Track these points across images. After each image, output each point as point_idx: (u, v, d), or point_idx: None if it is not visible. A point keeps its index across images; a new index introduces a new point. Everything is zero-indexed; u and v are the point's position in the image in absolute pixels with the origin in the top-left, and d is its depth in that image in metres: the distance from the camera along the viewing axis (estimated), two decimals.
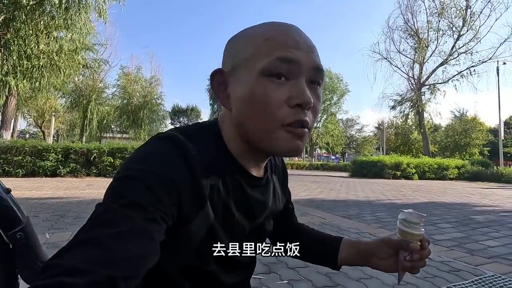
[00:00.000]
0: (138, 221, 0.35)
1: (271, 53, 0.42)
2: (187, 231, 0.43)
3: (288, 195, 0.70)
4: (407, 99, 23.67)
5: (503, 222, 4.03)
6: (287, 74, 0.43)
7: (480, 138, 28.38)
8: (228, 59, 0.47)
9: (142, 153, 0.42)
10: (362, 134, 42.61)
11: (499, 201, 6.44)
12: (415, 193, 7.64)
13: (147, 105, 21.79)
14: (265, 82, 0.42)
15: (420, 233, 0.54)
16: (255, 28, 0.47)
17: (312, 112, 0.45)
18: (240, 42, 0.46)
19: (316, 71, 0.45)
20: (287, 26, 0.46)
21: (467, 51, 21.51)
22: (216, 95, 0.48)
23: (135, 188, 0.37)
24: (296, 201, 5.38)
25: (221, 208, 0.47)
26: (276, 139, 0.44)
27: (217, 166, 0.46)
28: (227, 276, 0.51)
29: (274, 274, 1.91)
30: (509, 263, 2.31)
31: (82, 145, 9.28)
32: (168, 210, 0.38)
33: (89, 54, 14.09)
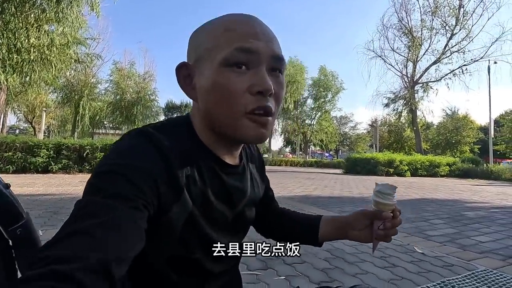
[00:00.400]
0: (122, 210, 0.35)
1: (230, 44, 0.43)
2: (168, 221, 0.44)
3: (267, 182, 0.72)
4: (401, 97, 23.90)
5: (493, 218, 4.12)
6: (248, 63, 0.44)
7: (470, 136, 28.91)
8: (191, 52, 0.49)
9: (115, 150, 0.43)
10: (356, 131, 42.95)
11: (489, 198, 6.57)
12: (407, 190, 7.75)
13: (140, 101, 21.54)
14: (226, 72, 0.43)
15: (392, 203, 0.59)
16: (216, 20, 0.48)
17: (275, 99, 0.47)
18: (202, 35, 0.48)
19: (275, 59, 0.46)
20: (246, 17, 0.47)
21: (460, 50, 21.79)
22: (183, 88, 0.49)
23: (114, 181, 0.38)
24: (291, 198, 5.40)
25: (199, 196, 0.47)
26: (240, 127, 0.45)
27: (191, 156, 0.47)
28: (213, 264, 0.51)
29: (271, 270, 1.91)
30: (500, 257, 2.37)
31: (74, 141, 9.15)
32: (149, 199, 0.39)
33: (81, 48, 13.82)
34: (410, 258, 2.26)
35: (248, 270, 1.88)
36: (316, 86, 31.66)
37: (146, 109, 22.19)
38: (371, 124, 36.84)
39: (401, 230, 3.22)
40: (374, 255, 2.24)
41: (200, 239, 0.48)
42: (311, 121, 32.95)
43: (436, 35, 22.75)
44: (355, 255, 2.30)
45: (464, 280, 1.85)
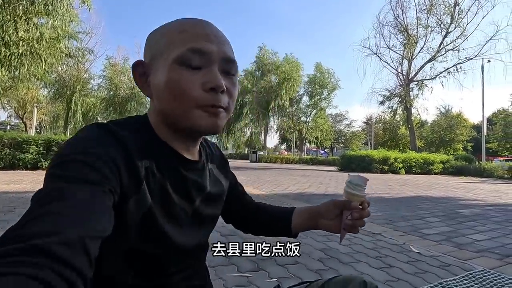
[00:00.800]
0: (90, 191, 0.35)
1: (183, 44, 0.45)
2: (127, 211, 0.43)
3: (232, 179, 0.72)
4: (396, 94, 23.96)
5: (487, 215, 4.10)
6: (200, 64, 0.46)
7: (464, 134, 29.20)
8: (147, 51, 0.50)
9: (74, 140, 0.42)
10: (351, 129, 43.07)
11: (483, 195, 6.59)
12: (402, 187, 7.74)
13: (134, 97, 21.29)
14: (179, 70, 0.45)
15: (362, 194, 0.60)
16: (171, 23, 0.50)
17: (228, 96, 0.49)
18: (157, 35, 0.49)
19: (227, 61, 0.48)
20: (200, 21, 0.49)
21: (454, 48, 21.89)
22: (139, 85, 0.50)
23: (78, 168, 0.37)
24: (286, 195, 5.33)
25: (158, 190, 0.47)
26: (193, 117, 0.46)
27: (149, 150, 0.48)
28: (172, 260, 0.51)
29: (263, 271, 1.83)
30: (497, 257, 2.32)
31: (65, 137, 8.97)
32: (113, 184, 0.39)
33: (72, 42, 13.53)
34: (406, 258, 2.20)
35: (238, 272, 1.80)
36: (312, 83, 31.62)
37: (140, 105, 21.95)
38: (366, 121, 36.99)
39: (397, 228, 3.17)
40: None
41: (156, 232, 0.47)
42: (307, 119, 32.96)
43: (431, 33, 22.88)
44: (350, 255, 2.23)
45: (462, 281, 1.79)
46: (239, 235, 2.61)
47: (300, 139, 34.29)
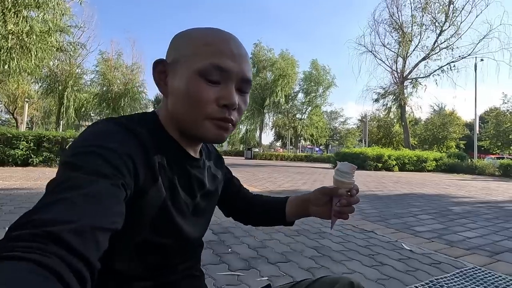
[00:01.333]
0: (104, 184, 0.36)
1: (207, 58, 0.47)
2: (143, 204, 0.45)
3: (228, 173, 0.76)
4: (390, 92, 24.08)
5: (479, 213, 4.14)
6: (219, 79, 0.48)
7: (457, 132, 29.53)
8: (171, 52, 0.52)
9: (91, 133, 0.43)
10: (346, 126, 43.28)
11: (474, 192, 6.67)
12: (395, 185, 7.80)
13: (128, 93, 21.05)
14: (199, 81, 0.47)
15: (350, 182, 0.62)
16: (199, 31, 0.51)
17: (238, 111, 0.52)
18: (183, 40, 0.51)
19: (244, 81, 0.51)
20: (226, 36, 0.50)
21: (448, 47, 22.03)
22: (157, 83, 0.52)
23: (94, 160, 0.38)
24: (280, 192, 5.32)
25: (169, 184, 0.50)
26: (202, 128, 0.49)
27: (161, 146, 0.50)
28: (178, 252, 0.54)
29: (254, 269, 1.81)
30: (487, 254, 2.34)
31: (56, 133, 8.81)
32: (127, 180, 0.40)
33: (64, 37, 13.27)
34: (398, 256, 2.20)
35: (229, 270, 1.78)
36: (307, 80, 31.60)
37: (134, 101, 21.74)
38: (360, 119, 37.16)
39: (390, 226, 3.18)
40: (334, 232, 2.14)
41: (169, 225, 0.50)
42: (302, 116, 32.98)
43: (426, 31, 22.94)
44: (342, 252, 2.22)
45: (453, 278, 1.79)
46: (231, 232, 2.59)
47: (295, 136, 34.34)
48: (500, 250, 2.44)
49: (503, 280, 1.79)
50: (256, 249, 2.20)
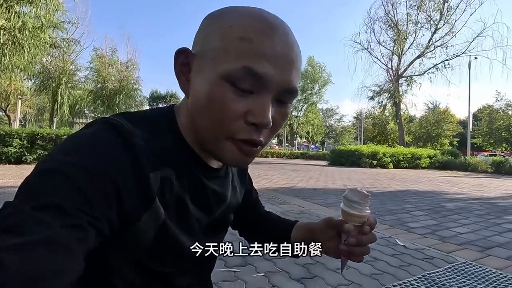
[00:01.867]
0: (54, 229, 0.28)
1: (239, 58, 0.36)
2: (135, 232, 0.38)
3: (249, 184, 0.66)
4: (385, 90, 24.28)
5: (471, 209, 4.22)
6: (252, 88, 0.37)
7: (450, 129, 29.88)
8: (198, 40, 0.41)
9: (73, 143, 0.36)
10: (341, 123, 43.46)
11: (467, 189, 6.78)
12: (390, 182, 7.88)
13: (123, 90, 20.81)
14: (226, 88, 0.37)
15: (360, 214, 0.48)
16: (237, 15, 0.38)
17: (272, 129, 0.40)
18: (214, 27, 0.39)
19: (288, 92, 0.39)
20: (272, 26, 0.37)
21: (443, 45, 22.27)
22: (177, 76, 0.42)
23: (58, 185, 0.31)
24: (276, 190, 5.35)
25: (174, 202, 0.42)
26: (222, 149, 0.40)
27: (170, 156, 0.41)
28: (182, 276, 0.47)
29: (250, 266, 1.83)
30: (478, 249, 2.39)
31: (50, 131, 8.73)
32: (99, 213, 0.32)
33: (57, 32, 13.07)
34: (392, 251, 2.24)
35: (225, 267, 1.79)
36: (303, 77, 31.59)
37: (129, 98, 21.52)
38: (356, 116, 37.37)
39: (384, 222, 3.22)
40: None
41: (171, 248, 0.43)
42: (298, 113, 33.02)
43: (421, 29, 23.15)
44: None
45: (445, 273, 1.83)
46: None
47: (291, 133, 34.41)
48: (491, 245, 2.49)
49: (493, 274, 1.83)
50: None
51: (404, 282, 1.68)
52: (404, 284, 1.66)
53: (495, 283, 1.70)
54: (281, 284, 1.61)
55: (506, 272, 1.89)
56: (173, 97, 42.43)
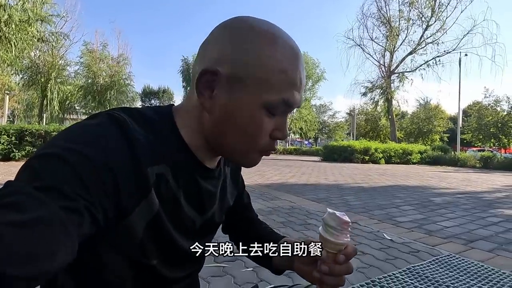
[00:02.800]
0: (53, 209, 0.29)
1: (279, 91, 0.42)
2: (129, 224, 0.39)
3: (241, 187, 0.68)
4: (378, 86, 24.48)
5: (458, 203, 4.32)
6: (282, 111, 0.44)
7: (441, 125, 30.35)
8: (226, 59, 0.41)
9: (76, 131, 0.37)
10: (334, 119, 43.71)
11: (455, 184, 6.93)
12: (381, 177, 8.00)
13: (114, 86, 20.53)
14: (263, 113, 0.42)
15: (336, 241, 0.44)
16: (273, 46, 0.41)
17: None
18: (253, 53, 0.41)
19: (297, 107, 0.46)
20: (297, 55, 0.44)
21: (434, 41, 22.54)
22: (199, 91, 0.43)
23: (59, 169, 0.32)
24: (268, 186, 5.38)
25: (169, 199, 0.44)
26: (248, 158, 0.47)
27: (168, 154, 0.44)
28: (170, 270, 0.48)
29: (239, 261, 1.85)
30: (462, 242, 2.45)
31: (39, 127, 8.58)
32: (96, 200, 0.33)
33: (45, 26, 12.79)
34: (379, 245, 2.28)
35: (214, 262, 1.81)
36: None
37: (121, 94, 21.24)
38: (349, 112, 37.63)
39: (373, 216, 3.28)
40: None
41: (161, 244, 0.44)
42: None
43: (413, 26, 23.35)
44: None
45: (429, 265, 1.88)
46: None
47: None
48: (475, 238, 2.57)
49: (475, 266, 1.89)
50: None
51: (389, 275, 1.72)
52: (389, 277, 1.70)
53: (476, 275, 1.76)
54: (269, 279, 1.63)
55: (488, 264, 1.96)
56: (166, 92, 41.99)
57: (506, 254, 2.19)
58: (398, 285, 1.59)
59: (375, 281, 1.63)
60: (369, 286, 1.58)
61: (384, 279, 1.66)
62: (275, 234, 0.64)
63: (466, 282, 1.66)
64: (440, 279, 1.67)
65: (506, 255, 2.16)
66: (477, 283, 1.65)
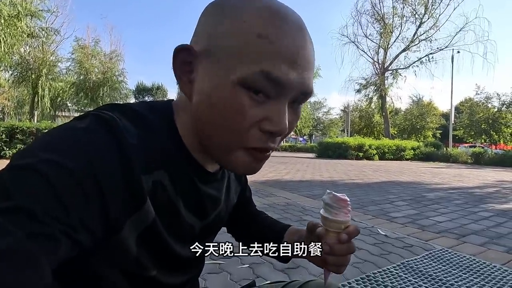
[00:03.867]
0: (19, 238, 0.24)
1: (257, 61, 0.32)
2: (121, 239, 0.35)
3: (244, 183, 0.65)
4: (372, 83, 24.66)
5: (450, 198, 4.39)
6: (270, 94, 0.34)
7: (434, 121, 30.77)
8: (203, 35, 0.37)
9: (58, 137, 0.32)
10: (329, 116, 43.93)
11: (447, 179, 7.03)
12: (375, 173, 8.07)
13: (107, 82, 20.27)
14: (242, 94, 0.34)
15: (335, 219, 0.45)
16: (250, 7, 0.34)
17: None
18: (224, 21, 0.35)
19: (304, 95, 0.37)
20: (290, 22, 0.34)
21: (427, 39, 22.75)
22: (177, 76, 0.38)
23: (32, 186, 0.27)
24: (263, 182, 5.39)
25: (166, 206, 0.39)
26: (234, 159, 0.38)
27: (165, 158, 0.39)
28: (170, 278, 0.45)
29: (235, 258, 1.85)
30: (455, 236, 2.50)
31: (30, 124, 8.44)
32: (76, 221, 0.28)
33: (35, 21, 12.54)
34: (374, 241, 2.31)
35: (211, 260, 1.81)
36: None
37: (114, 90, 21.01)
38: (343, 109, 37.83)
39: (367, 212, 3.31)
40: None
41: (157, 254, 0.41)
42: None
43: (406, 23, 23.53)
44: None
45: (422, 260, 1.91)
46: None
47: None
48: (467, 233, 2.61)
49: (467, 260, 1.93)
50: None
51: (383, 269, 1.75)
52: (383, 271, 1.72)
53: (469, 268, 1.79)
54: (265, 275, 1.64)
55: (479, 257, 1.99)
56: (160, 89, 41.62)
57: (497, 248, 2.24)
58: (392, 280, 1.61)
59: (370, 276, 1.65)
60: (364, 281, 1.59)
61: (379, 274, 1.68)
62: (277, 225, 0.63)
63: (458, 275, 1.69)
64: (433, 273, 1.70)
65: (497, 249, 2.21)
66: (469, 277, 1.68)
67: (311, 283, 0.58)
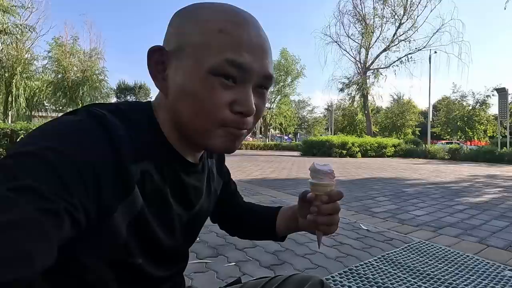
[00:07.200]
0: (29, 211, 0.26)
1: (221, 52, 0.38)
2: (112, 223, 0.38)
3: (227, 177, 0.69)
4: (354, 82, 25.20)
5: (428, 193, 4.58)
6: (235, 77, 0.40)
7: (413, 119, 31.85)
8: (172, 37, 0.42)
9: (53, 128, 0.35)
10: (313, 115, 44.53)
11: (426, 175, 7.32)
12: (358, 170, 8.28)
13: (87, 81, 19.63)
14: (212, 81, 0.39)
15: (319, 183, 0.52)
16: (210, 10, 0.41)
17: (255, 115, 0.43)
18: (190, 23, 0.41)
19: (265, 79, 0.43)
20: (245, 19, 0.41)
21: (406, 39, 23.52)
22: (153, 75, 0.43)
23: (36, 168, 0.30)
24: (249, 181, 5.41)
25: (155, 195, 0.43)
26: (212, 138, 0.42)
27: (150, 151, 0.42)
28: (156, 269, 0.47)
29: (222, 256, 1.87)
30: (432, 229, 2.62)
31: (4, 125, 8.05)
32: (77, 200, 0.31)
33: (8, 17, 11.94)
34: (356, 235, 2.39)
35: (197, 259, 1.81)
36: (276, 69, 31.81)
37: (95, 90, 20.37)
38: (327, 108, 38.43)
39: (350, 208, 3.41)
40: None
41: (145, 242, 0.43)
42: (271, 105, 33.28)
43: (386, 24, 24.22)
44: (305, 235, 2.36)
45: (401, 252, 2.00)
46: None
47: (264, 125, 34.68)
48: (443, 225, 2.75)
49: (442, 251, 2.04)
50: (224, 236, 2.25)
51: (365, 262, 1.81)
52: (365, 264, 1.79)
53: (444, 259, 1.89)
54: (251, 272, 1.66)
55: (454, 248, 2.11)
56: (142, 88, 40.75)
57: (470, 238, 2.37)
58: (373, 272, 1.68)
59: (352, 269, 1.71)
60: (347, 274, 1.65)
61: (361, 267, 1.74)
62: (268, 211, 0.68)
63: (435, 266, 1.78)
64: (411, 264, 1.79)
65: (470, 240, 2.34)
66: (445, 266, 1.77)
67: (294, 277, 0.61)
